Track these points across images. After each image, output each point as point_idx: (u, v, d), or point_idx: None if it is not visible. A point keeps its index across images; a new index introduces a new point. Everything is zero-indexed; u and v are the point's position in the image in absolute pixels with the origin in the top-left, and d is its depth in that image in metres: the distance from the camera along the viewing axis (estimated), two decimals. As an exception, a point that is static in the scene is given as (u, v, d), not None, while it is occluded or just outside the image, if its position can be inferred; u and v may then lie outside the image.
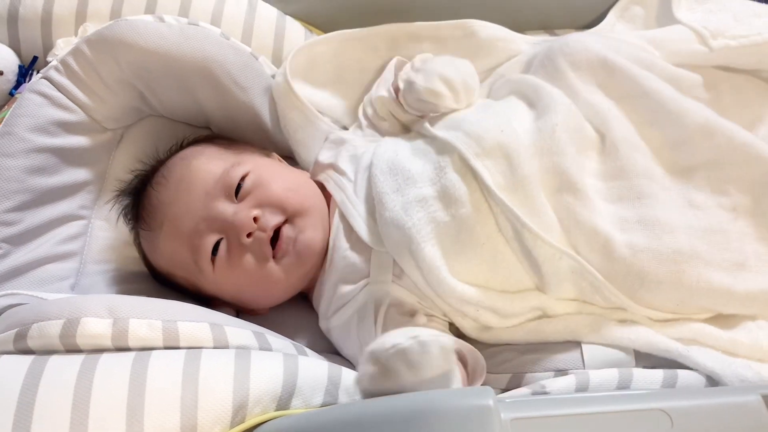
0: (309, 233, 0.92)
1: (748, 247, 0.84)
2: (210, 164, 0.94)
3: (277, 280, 0.92)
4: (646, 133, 0.91)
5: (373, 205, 0.90)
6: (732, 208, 0.86)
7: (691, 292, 0.81)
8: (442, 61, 0.97)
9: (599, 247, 0.83)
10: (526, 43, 1.12)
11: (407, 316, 0.87)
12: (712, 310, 0.83)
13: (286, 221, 0.91)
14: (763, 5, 1.12)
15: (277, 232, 0.91)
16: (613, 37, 1.07)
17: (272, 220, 0.90)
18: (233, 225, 0.89)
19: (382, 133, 1.03)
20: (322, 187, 1.00)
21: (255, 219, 0.89)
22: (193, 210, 0.91)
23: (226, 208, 0.91)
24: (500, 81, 1.05)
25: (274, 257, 0.91)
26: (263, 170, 0.95)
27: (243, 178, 0.92)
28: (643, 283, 0.82)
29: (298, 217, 0.92)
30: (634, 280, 0.82)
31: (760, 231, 0.86)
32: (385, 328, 0.85)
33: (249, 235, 0.89)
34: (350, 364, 0.89)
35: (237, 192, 0.92)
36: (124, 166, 1.07)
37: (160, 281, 1.00)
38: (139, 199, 0.98)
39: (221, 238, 0.91)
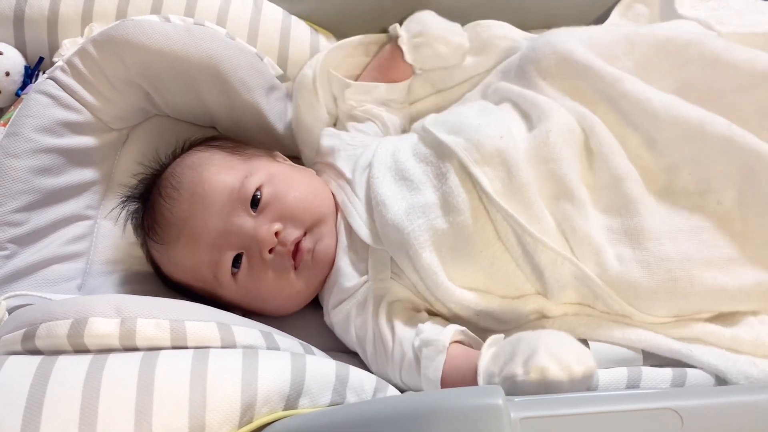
0: (325, 241, 0.93)
1: (736, 240, 0.83)
2: (222, 175, 0.93)
3: (298, 290, 0.93)
4: (623, 135, 0.89)
5: (371, 205, 0.90)
6: (717, 202, 0.84)
7: (687, 298, 0.81)
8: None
9: (593, 257, 0.83)
10: (526, 40, 1.12)
11: (413, 311, 0.88)
12: (713, 311, 0.83)
13: (305, 233, 0.92)
14: (766, 3, 1.12)
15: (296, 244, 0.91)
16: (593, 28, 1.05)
17: (293, 234, 0.90)
18: (255, 240, 0.89)
19: (376, 120, 1.05)
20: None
21: (276, 233, 0.89)
22: (210, 225, 0.90)
23: (246, 222, 0.90)
24: (491, 88, 1.04)
25: (294, 268, 0.91)
26: (278, 180, 0.94)
27: (258, 189, 0.92)
28: (637, 294, 0.81)
29: (316, 227, 0.92)
30: (628, 291, 0.81)
31: (747, 223, 0.84)
32: (391, 322, 0.86)
33: (271, 250, 0.89)
34: (359, 362, 0.89)
35: (253, 203, 0.91)
36: (129, 166, 1.07)
37: (169, 286, 1.00)
38: (147, 208, 0.97)
39: (240, 253, 0.91)
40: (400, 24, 1.10)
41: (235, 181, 0.92)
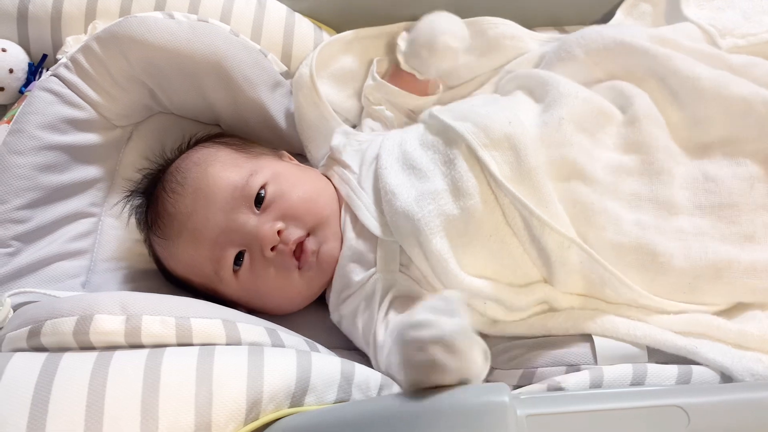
0: (330, 244, 0.93)
1: (759, 219, 0.85)
2: (227, 172, 0.93)
3: (299, 290, 0.93)
4: (667, 111, 0.93)
5: (379, 197, 0.90)
6: (748, 177, 0.87)
7: (702, 268, 0.82)
8: (439, 22, 1.03)
9: (610, 227, 0.83)
10: (534, 41, 1.12)
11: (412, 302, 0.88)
12: (721, 293, 0.83)
13: (308, 234, 0.91)
14: None
15: (299, 244, 0.91)
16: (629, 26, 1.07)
17: (295, 233, 0.90)
18: (257, 238, 0.89)
19: (385, 123, 1.05)
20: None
21: (279, 232, 0.89)
22: (213, 222, 0.90)
23: (248, 220, 0.90)
24: (507, 76, 1.05)
25: (299, 268, 0.91)
26: (282, 179, 0.94)
27: (263, 188, 0.92)
28: (653, 259, 0.82)
29: (319, 229, 0.92)
30: (645, 257, 0.82)
31: None
32: (392, 315, 0.86)
33: (273, 248, 0.89)
34: (363, 360, 0.89)
35: (257, 201, 0.91)
36: (133, 164, 1.07)
37: (171, 281, 1.00)
38: (151, 203, 0.97)
39: (242, 250, 0.91)
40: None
41: (239, 179, 0.92)
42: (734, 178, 0.87)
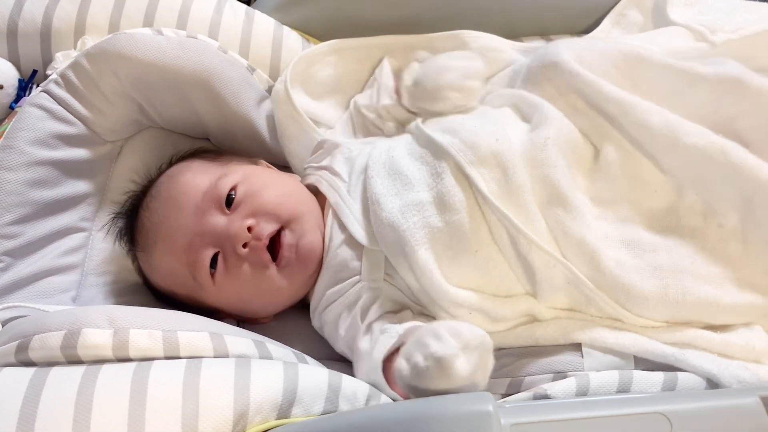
0: (309, 237, 0.92)
1: (734, 263, 0.84)
2: (197, 178, 0.94)
3: (279, 286, 0.92)
4: (636, 156, 0.90)
5: (367, 206, 0.90)
6: (718, 225, 0.86)
7: (679, 306, 0.81)
8: (448, 62, 0.99)
9: (587, 260, 0.83)
10: (517, 51, 1.12)
11: (395, 313, 0.88)
12: (703, 322, 0.83)
13: (281, 228, 0.91)
14: (750, 3, 1.13)
15: (274, 239, 0.91)
16: (603, 41, 1.06)
17: (267, 228, 0.90)
18: (228, 236, 0.89)
19: (378, 135, 1.05)
20: (315, 190, 1.00)
21: (249, 228, 0.89)
22: (184, 226, 0.91)
23: (219, 220, 0.91)
24: (494, 93, 1.04)
25: (277, 265, 0.91)
26: (253, 178, 0.94)
27: (233, 189, 0.92)
28: (629, 298, 0.82)
29: (294, 223, 0.92)
30: (620, 294, 0.82)
31: (747, 248, 0.85)
32: (373, 324, 0.86)
33: (245, 245, 0.89)
34: (352, 371, 0.90)
35: (228, 203, 0.91)
36: (124, 178, 1.07)
37: (160, 299, 1.00)
38: (131, 222, 0.98)
39: (217, 252, 0.91)
40: None
41: (209, 182, 0.93)
42: (706, 226, 0.86)
